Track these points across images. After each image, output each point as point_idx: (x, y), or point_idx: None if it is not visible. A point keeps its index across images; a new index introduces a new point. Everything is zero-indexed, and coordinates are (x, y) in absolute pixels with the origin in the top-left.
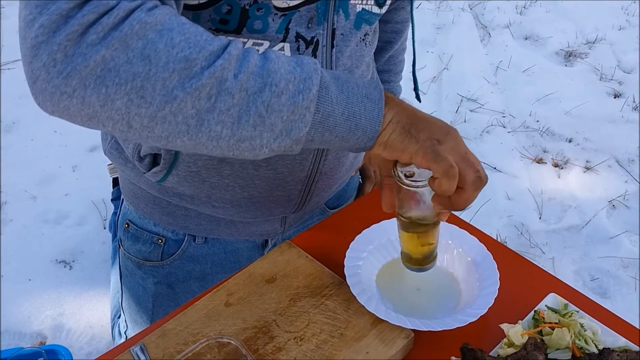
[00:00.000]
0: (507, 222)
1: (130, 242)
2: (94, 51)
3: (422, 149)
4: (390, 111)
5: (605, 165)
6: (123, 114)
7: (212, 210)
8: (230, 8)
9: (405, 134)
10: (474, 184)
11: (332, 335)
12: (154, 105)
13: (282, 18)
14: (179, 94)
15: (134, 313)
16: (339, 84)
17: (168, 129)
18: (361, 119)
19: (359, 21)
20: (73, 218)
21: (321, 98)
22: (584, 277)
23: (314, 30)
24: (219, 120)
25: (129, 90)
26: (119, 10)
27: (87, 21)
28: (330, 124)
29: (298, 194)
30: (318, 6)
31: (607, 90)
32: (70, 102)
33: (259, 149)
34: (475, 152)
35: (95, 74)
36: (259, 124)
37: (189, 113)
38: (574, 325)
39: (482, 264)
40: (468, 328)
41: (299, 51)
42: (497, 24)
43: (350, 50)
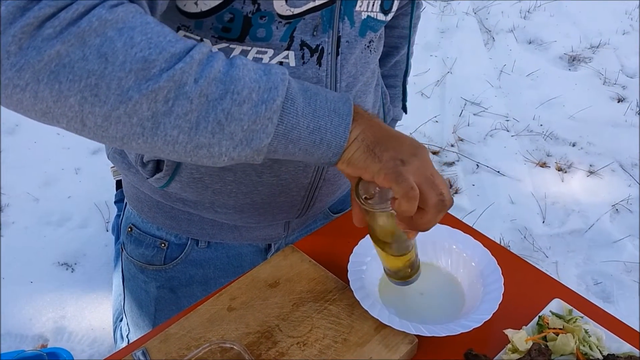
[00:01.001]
0: (511, 226)
1: (133, 245)
2: (49, 45)
3: (384, 169)
4: (358, 128)
5: (608, 169)
6: (76, 111)
7: (215, 215)
8: (232, 16)
9: (368, 153)
10: (435, 206)
11: (335, 340)
12: (108, 105)
13: (287, 26)
14: (134, 95)
15: (136, 317)
16: (307, 96)
17: (122, 129)
18: (326, 134)
19: (364, 28)
20: (75, 220)
21: (286, 109)
22: (587, 281)
23: (319, 38)
24: (175, 125)
25: (83, 87)
26: (78, 5)
27: (44, 14)
28: (294, 137)
29: (301, 200)
30: (323, 14)
31: (611, 94)
32: (23, 95)
33: (218, 157)
34: (479, 156)
35: (49, 69)
36: (217, 131)
37: (144, 115)
38: (579, 331)
39: (487, 269)
40: (472, 334)
41: (304, 59)
42: (501, 28)
43: (355, 57)
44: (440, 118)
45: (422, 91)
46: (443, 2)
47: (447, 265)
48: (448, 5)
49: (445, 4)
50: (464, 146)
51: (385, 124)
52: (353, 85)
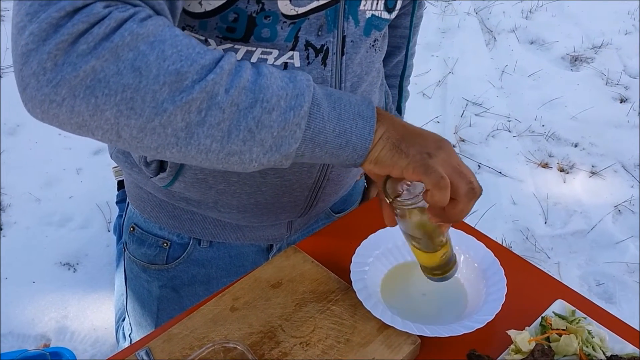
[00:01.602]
0: (513, 226)
1: (136, 245)
2: (84, 61)
3: (412, 163)
4: (381, 128)
5: (611, 170)
6: (112, 124)
7: (219, 214)
8: (237, 16)
9: (395, 150)
10: (467, 194)
11: (338, 340)
12: (143, 117)
13: (291, 26)
14: (169, 107)
15: (138, 316)
16: (332, 100)
17: (157, 140)
18: (352, 136)
19: (368, 27)
20: (77, 221)
21: (312, 115)
22: (590, 282)
23: (324, 38)
24: (208, 134)
25: (119, 101)
26: (110, 20)
27: (78, 31)
28: (320, 141)
29: (305, 200)
30: (327, 13)
31: (613, 95)
32: (60, 110)
33: (248, 163)
34: (480, 157)
35: (85, 84)
36: (248, 138)
37: (178, 126)
38: (582, 332)
39: (489, 269)
40: (475, 334)
41: (309, 59)
42: (502, 28)
43: (361, 57)
44: (441, 118)
45: (423, 91)
46: (444, 2)
47: None
48: (449, 5)
49: (447, 4)
50: (466, 147)
51: (406, 122)
52: (358, 85)
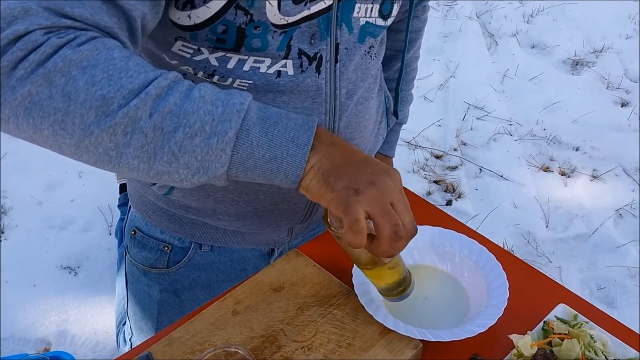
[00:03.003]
0: (514, 230)
1: (137, 249)
2: (21, 85)
3: (335, 199)
4: (316, 156)
5: (612, 174)
6: (52, 141)
7: (218, 222)
8: (226, 28)
9: (323, 182)
10: (389, 237)
11: (339, 345)
12: (75, 137)
13: (283, 35)
14: (95, 130)
15: (139, 320)
16: (265, 125)
17: (93, 157)
18: (282, 163)
19: (362, 35)
20: (79, 224)
21: (240, 140)
22: (591, 286)
23: (317, 46)
24: (135, 155)
25: (52, 122)
26: (46, 47)
27: (17, 57)
28: (250, 165)
29: (304, 207)
30: (320, 22)
31: (614, 99)
32: (8, 127)
33: (180, 182)
34: (482, 160)
35: (23, 106)
36: (173, 161)
37: (108, 146)
38: (584, 337)
39: (491, 273)
40: (477, 338)
41: (302, 67)
42: (504, 32)
43: (355, 64)
44: (443, 122)
45: (425, 95)
46: (446, 7)
47: (451, 270)
48: (451, 10)
49: (448, 8)
50: (467, 150)
51: (353, 147)
52: (354, 92)
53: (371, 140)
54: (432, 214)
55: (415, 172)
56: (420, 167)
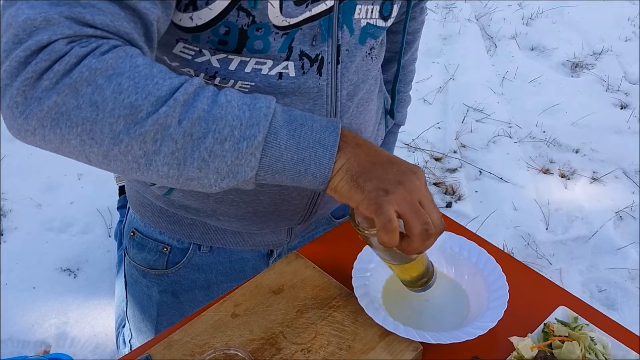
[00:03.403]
0: (514, 232)
1: (136, 250)
2: (47, 96)
3: (366, 200)
4: (343, 157)
5: (612, 176)
6: (79, 151)
7: (217, 222)
8: (228, 29)
9: (352, 183)
10: (420, 235)
11: (339, 347)
12: (104, 146)
13: (284, 37)
14: (125, 138)
15: (138, 322)
16: (292, 128)
17: (121, 165)
18: (310, 165)
19: (363, 36)
20: (78, 226)
21: (268, 144)
22: (591, 288)
23: (318, 47)
24: (165, 162)
25: (80, 132)
26: (70, 56)
27: (41, 68)
28: (279, 168)
29: (304, 208)
30: (321, 23)
31: (614, 101)
32: (34, 138)
33: (209, 187)
34: (481, 163)
35: (50, 117)
36: (203, 167)
37: (137, 154)
38: (584, 339)
39: (491, 276)
40: (477, 341)
41: (304, 69)
42: (503, 34)
43: (356, 65)
44: (442, 124)
45: (424, 97)
46: (445, 9)
47: (451, 272)
48: (450, 12)
49: (447, 11)
50: (467, 152)
51: (377, 147)
52: (355, 94)
53: (370, 141)
54: None
55: None
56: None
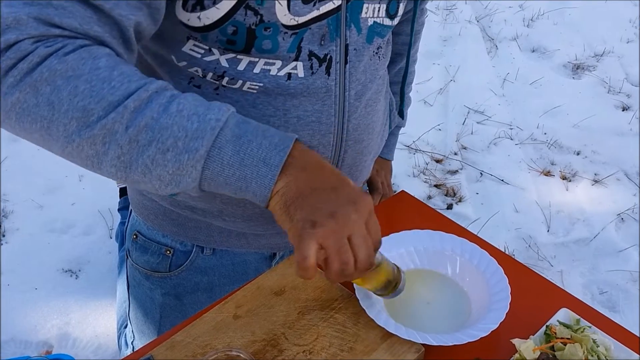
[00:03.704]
0: (515, 234)
1: (139, 252)
2: (11, 93)
3: (292, 230)
4: (283, 180)
5: (613, 178)
6: (42, 144)
7: (224, 223)
8: (235, 29)
9: (284, 209)
10: (335, 274)
11: (341, 349)
12: (59, 143)
13: (293, 37)
14: (76, 139)
15: (141, 324)
16: (239, 143)
17: (78, 161)
18: (251, 183)
19: (371, 35)
20: (79, 227)
21: (211, 158)
22: (593, 290)
23: (327, 47)
24: (112, 164)
25: (39, 128)
26: (33, 56)
27: (7, 66)
28: (220, 182)
29: None
30: (329, 22)
31: (615, 103)
32: (5, 127)
33: (155, 191)
34: (482, 165)
35: (14, 112)
36: (147, 173)
37: (89, 153)
38: (587, 341)
39: (493, 278)
40: (479, 343)
41: (312, 69)
42: (504, 36)
43: (364, 64)
44: (443, 126)
45: (425, 99)
46: (445, 11)
47: (453, 274)
48: (450, 14)
49: (448, 12)
50: (468, 154)
51: (328, 169)
52: (363, 94)
53: (377, 142)
54: (433, 218)
55: (415, 176)
56: (421, 171)
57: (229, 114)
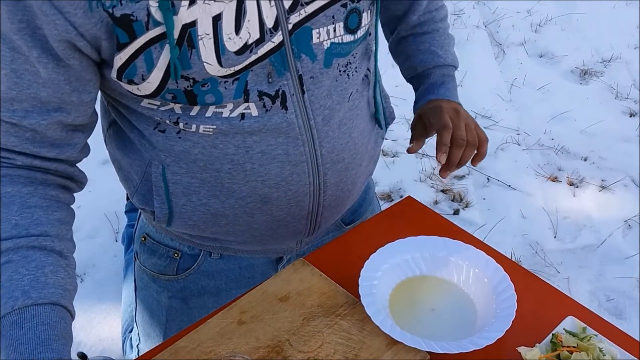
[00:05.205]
0: (522, 240)
1: (147, 255)
2: None
3: None
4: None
5: (620, 184)
6: None
7: (222, 243)
8: (173, 94)
9: None
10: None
11: (346, 356)
12: None
13: (236, 83)
14: None
15: (147, 326)
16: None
17: None
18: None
19: (329, 58)
20: (85, 231)
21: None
22: (600, 297)
23: (277, 83)
24: None
25: None
26: None
27: None
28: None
29: (304, 227)
30: (273, 60)
31: (623, 109)
32: None
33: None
34: (489, 170)
35: None
36: None
37: None
38: (593, 350)
39: (499, 285)
40: (484, 351)
41: (265, 107)
42: (511, 41)
43: (328, 89)
44: None
45: None
46: (453, 16)
47: (459, 281)
48: (458, 19)
49: (456, 17)
50: None
51: None
52: (331, 117)
53: (365, 152)
54: (439, 223)
55: (422, 181)
56: (427, 176)
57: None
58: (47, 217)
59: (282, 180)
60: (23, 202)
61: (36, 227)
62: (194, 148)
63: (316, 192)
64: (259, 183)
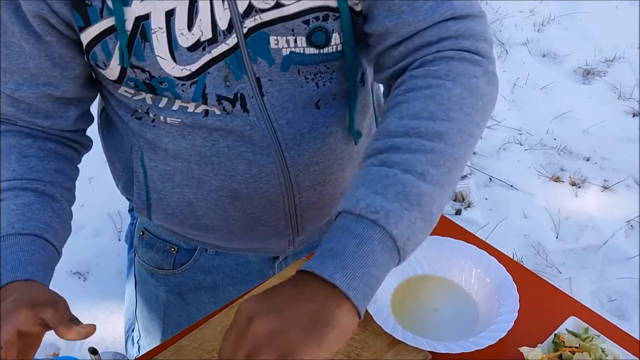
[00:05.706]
0: (524, 241)
1: (145, 249)
2: None
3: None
4: None
5: (623, 184)
6: None
7: (208, 239)
8: (134, 84)
9: None
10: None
11: (348, 356)
12: None
13: (194, 86)
14: None
15: (146, 321)
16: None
17: None
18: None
19: (286, 64)
20: (88, 229)
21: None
22: (602, 298)
23: (234, 86)
24: None
25: None
26: None
27: None
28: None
29: (285, 227)
30: (228, 62)
31: (626, 109)
32: None
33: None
34: (492, 170)
35: None
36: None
37: None
38: (595, 350)
39: (501, 285)
40: (486, 351)
41: (226, 111)
42: (514, 41)
43: (290, 93)
44: None
45: None
46: None
47: (461, 281)
48: None
49: None
50: (477, 159)
51: None
52: (296, 121)
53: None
54: (441, 223)
55: None
56: None
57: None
58: (43, 165)
59: (250, 177)
60: (21, 152)
61: (31, 173)
62: (165, 137)
63: (290, 194)
64: (227, 177)
